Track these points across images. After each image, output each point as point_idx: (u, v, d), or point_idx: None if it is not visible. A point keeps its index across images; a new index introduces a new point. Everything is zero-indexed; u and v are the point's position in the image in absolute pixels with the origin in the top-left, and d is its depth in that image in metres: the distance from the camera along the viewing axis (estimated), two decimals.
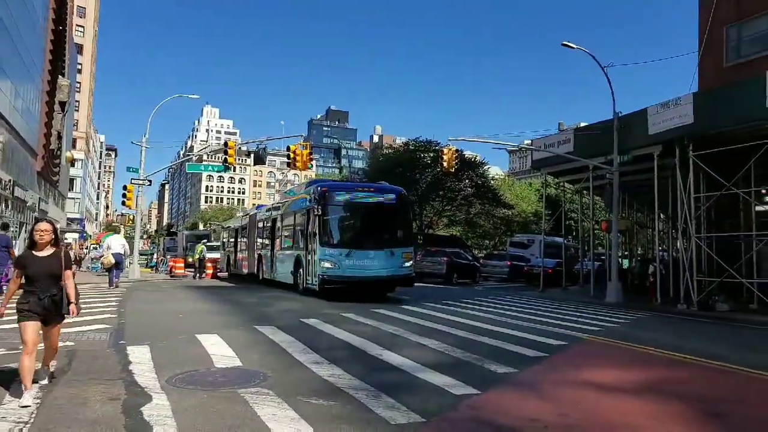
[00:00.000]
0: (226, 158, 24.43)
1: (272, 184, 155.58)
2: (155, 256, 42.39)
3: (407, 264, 16.25)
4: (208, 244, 33.04)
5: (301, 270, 17.26)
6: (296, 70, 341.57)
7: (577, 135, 22.81)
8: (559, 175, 26.64)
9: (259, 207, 28.45)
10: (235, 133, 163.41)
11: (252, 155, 30.98)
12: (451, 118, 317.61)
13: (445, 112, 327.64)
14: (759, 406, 5.90)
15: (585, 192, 26.08)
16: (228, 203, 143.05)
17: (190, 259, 35.39)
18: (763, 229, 16.29)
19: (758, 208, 17.45)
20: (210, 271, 29.28)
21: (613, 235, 20.83)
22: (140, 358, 7.21)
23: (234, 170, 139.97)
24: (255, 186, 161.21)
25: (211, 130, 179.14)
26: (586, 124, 26.40)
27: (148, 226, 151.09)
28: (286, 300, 15.90)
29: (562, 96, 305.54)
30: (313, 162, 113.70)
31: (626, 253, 33.80)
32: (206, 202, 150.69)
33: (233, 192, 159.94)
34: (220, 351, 7.81)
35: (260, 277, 22.76)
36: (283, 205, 20.96)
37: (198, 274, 28.29)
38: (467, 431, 4.75)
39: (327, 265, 15.40)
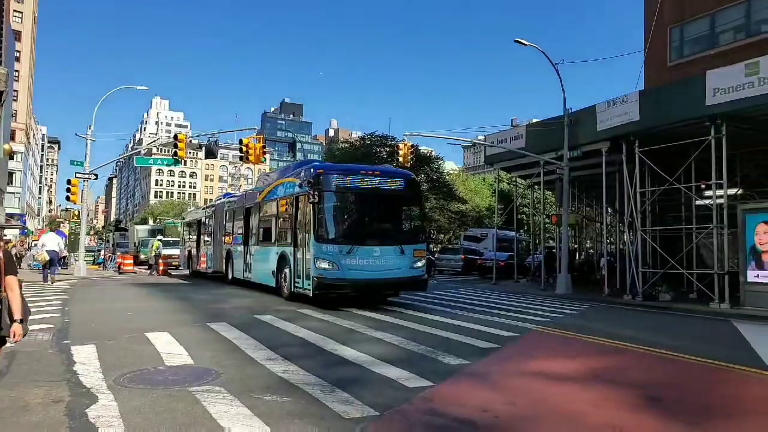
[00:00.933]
0: (176, 151, 23.82)
1: (225, 178, 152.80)
2: (102, 252, 41.07)
3: (419, 264, 13.26)
4: (164, 239, 32.14)
5: (287, 270, 14.34)
6: (250, 61, 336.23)
7: (529, 131, 23.25)
8: (511, 170, 27.13)
9: (226, 195, 25.29)
10: (186, 126, 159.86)
11: (203, 148, 30.13)
12: (407, 113, 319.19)
13: (401, 107, 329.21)
14: (695, 390, 6.18)
15: (536, 187, 26.63)
16: (179, 198, 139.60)
17: (143, 256, 34.46)
18: (702, 223, 17.00)
19: (698, 202, 18.19)
20: (161, 268, 27.98)
21: (563, 228, 21.36)
22: (86, 358, 6.99)
23: (185, 164, 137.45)
24: (207, 180, 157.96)
25: (161, 123, 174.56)
26: (539, 120, 26.93)
27: (95, 221, 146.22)
28: (240, 297, 15.66)
29: (516, 92, 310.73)
30: (267, 156, 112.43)
31: (576, 246, 34.72)
32: (156, 196, 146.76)
33: (184, 186, 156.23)
34: (170, 349, 7.65)
35: (229, 277, 20.09)
36: (261, 191, 17.72)
37: (154, 271, 27.56)
38: (420, 423, 4.81)
39: (323, 265, 12.27)
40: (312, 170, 13.11)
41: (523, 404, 5.42)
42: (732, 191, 17.01)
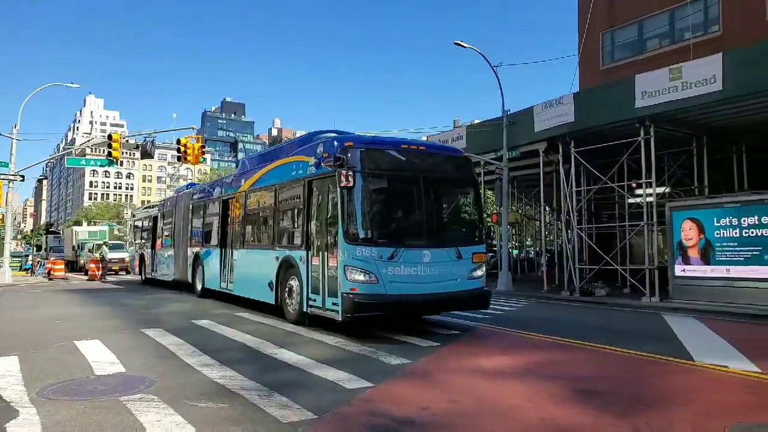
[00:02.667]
0: (110, 152, 22.94)
1: (163, 179, 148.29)
2: (30, 257, 39.06)
3: (479, 273, 9.82)
4: (109, 242, 30.79)
5: (293, 283, 10.47)
6: (189, 59, 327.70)
7: (469, 132, 23.64)
8: None
9: (190, 185, 20.99)
10: (122, 125, 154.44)
11: (140, 148, 28.81)
12: (352, 113, 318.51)
13: (346, 107, 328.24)
14: (628, 382, 6.40)
15: None
16: (115, 199, 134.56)
17: (83, 260, 32.92)
18: (634, 220, 17.70)
19: (630, 200, 18.94)
20: (99, 273, 26.24)
21: (503, 227, 21.82)
22: (6, 370, 6.60)
23: (121, 164, 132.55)
24: (145, 181, 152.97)
25: (95, 122, 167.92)
26: (480, 121, 27.41)
27: (23, 225, 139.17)
28: (177, 301, 15.21)
29: (460, 93, 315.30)
30: (207, 156, 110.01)
31: (517, 244, 35.56)
32: (90, 198, 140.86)
33: (120, 188, 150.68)
34: (101, 357, 7.33)
35: (198, 288, 16.11)
36: (247, 176, 13.72)
37: (102, 276, 26.33)
38: (360, 424, 4.77)
39: (358, 276, 8.60)
40: (336, 144, 9.29)
41: (462, 401, 5.47)
42: (660, 190, 17.79)
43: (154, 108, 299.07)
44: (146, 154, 27.72)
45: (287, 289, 10.71)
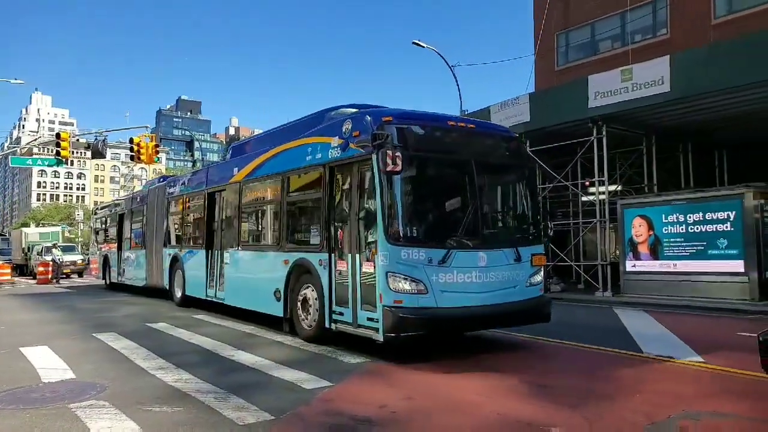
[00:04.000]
0: (59, 151, 22.23)
1: (116, 179, 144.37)
2: None
3: (538, 278, 8.07)
4: (62, 244, 29.72)
5: (309, 292, 8.54)
6: (142, 56, 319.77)
7: None
8: None
9: (164, 178, 18.44)
10: (72, 124, 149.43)
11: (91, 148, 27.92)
12: (310, 110, 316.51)
13: (306, 106, 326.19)
14: (580, 375, 6.57)
15: None
16: (66, 200, 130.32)
17: (33, 262, 31.78)
18: (588, 217, 18.16)
19: (584, 198, 19.42)
20: (43, 276, 25.30)
21: None
22: None
23: (71, 164, 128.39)
24: (97, 181, 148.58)
25: (43, 120, 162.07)
26: None
27: None
28: (132, 304, 14.84)
29: (419, 91, 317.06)
30: (162, 155, 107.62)
31: None
32: (39, 199, 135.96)
33: (71, 188, 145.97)
34: (49, 364, 7.09)
35: (177, 295, 14.05)
36: (240, 164, 11.42)
37: (55, 279, 25.41)
38: (318, 424, 4.77)
39: (403, 285, 6.86)
40: (370, 119, 7.46)
41: (419, 398, 5.52)
42: (612, 188, 18.30)
43: (106, 106, 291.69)
44: (98, 154, 26.35)
45: (300, 299, 8.70)
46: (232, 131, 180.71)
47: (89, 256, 27.44)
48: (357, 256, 7.57)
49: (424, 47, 21.26)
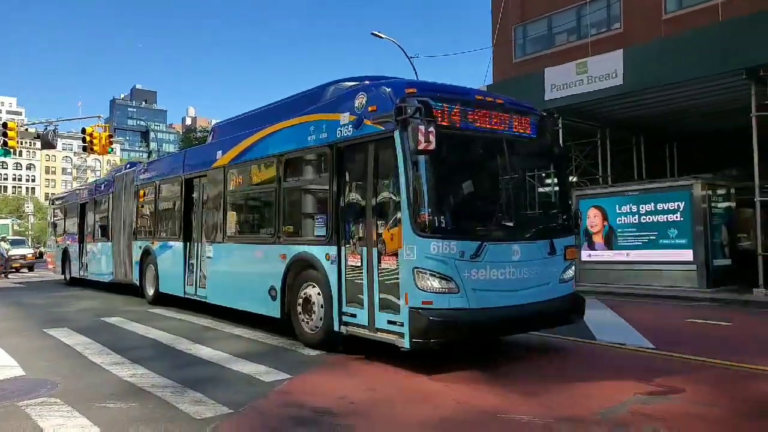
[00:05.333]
0: (5, 141, 21.41)
1: (68, 170, 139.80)
2: None
3: (570, 273, 7.30)
4: (11, 237, 28.60)
5: (312, 291, 7.50)
6: (95, 44, 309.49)
7: None
8: None
9: (133, 164, 16.82)
10: (20, 113, 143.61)
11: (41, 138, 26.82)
12: (269, 101, 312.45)
13: (262, 96, 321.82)
14: (534, 363, 6.71)
15: None
16: (14, 192, 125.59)
17: None
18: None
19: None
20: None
21: None
22: None
23: (19, 155, 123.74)
24: (48, 173, 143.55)
25: None
26: None
27: None
28: (86, 299, 14.44)
29: None
30: (116, 145, 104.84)
31: None
32: None
33: (20, 180, 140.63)
34: None
35: (149, 292, 12.83)
36: (229, 146, 10.04)
37: (4, 273, 24.42)
38: (277, 416, 4.76)
39: (432, 282, 5.99)
40: (390, 90, 6.51)
41: (380, 388, 5.57)
42: (569, 179, 18.70)
43: (56, 95, 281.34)
44: (48, 144, 25.27)
45: (301, 299, 7.64)
46: (188, 121, 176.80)
47: (47, 250, 26.33)
48: (374, 249, 6.51)
49: (383, 38, 21.23)
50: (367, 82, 7.59)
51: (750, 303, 12.01)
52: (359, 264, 6.77)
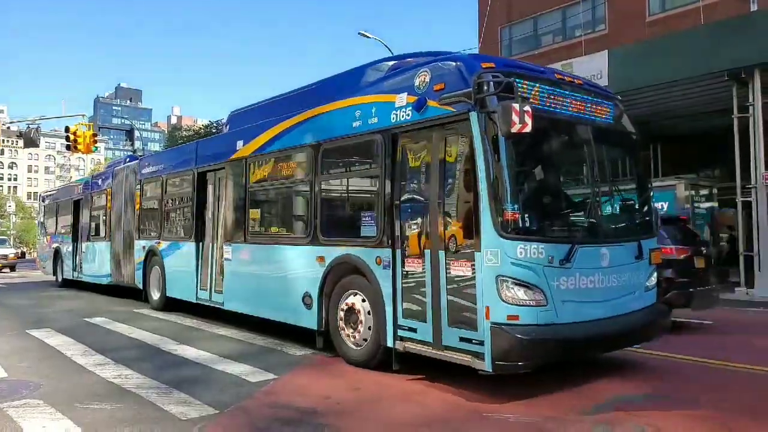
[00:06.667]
0: None
1: (52, 169, 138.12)
2: None
3: (653, 281, 6.45)
4: None
5: (359, 301, 6.53)
6: (79, 41, 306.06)
7: None
8: None
9: (132, 157, 15.44)
10: (2, 111, 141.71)
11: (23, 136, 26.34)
12: (254, 100, 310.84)
13: (249, 95, 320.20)
14: None
15: None
16: None
17: None
18: None
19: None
20: None
21: None
22: None
23: (2, 153, 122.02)
24: (31, 171, 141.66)
25: None
26: None
27: None
28: (69, 299, 14.28)
29: None
30: (100, 144, 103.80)
31: None
32: None
33: (1, 179, 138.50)
34: None
35: (154, 296, 11.78)
36: (252, 135, 8.90)
37: None
38: (262, 417, 4.75)
39: (520, 294, 5.03)
40: (463, 65, 5.60)
41: (366, 388, 5.58)
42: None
43: (39, 93, 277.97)
44: (30, 143, 24.92)
45: (342, 309, 6.69)
46: (174, 120, 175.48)
47: (32, 250, 26.04)
48: (440, 252, 5.55)
49: (369, 38, 21.24)
50: (410, 60, 6.80)
51: (731, 302, 12.19)
52: (421, 270, 5.78)
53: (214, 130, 44.39)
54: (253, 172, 8.84)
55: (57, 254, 18.22)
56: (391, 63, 7.38)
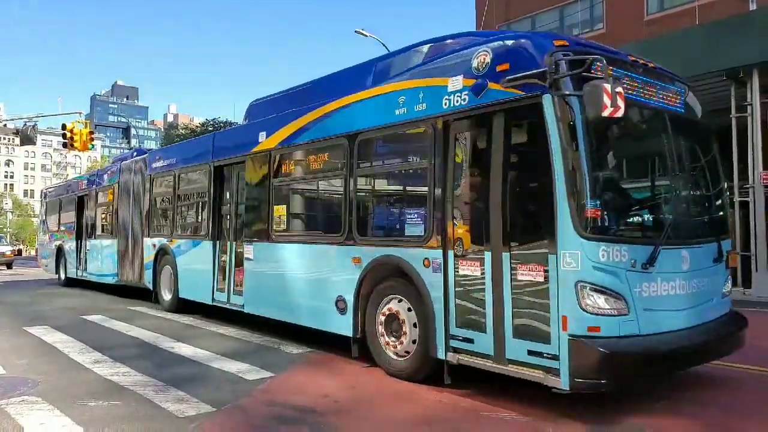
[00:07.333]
0: None
1: (48, 167, 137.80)
2: None
3: (729, 286, 5.88)
4: None
5: (403, 309, 5.94)
6: (76, 38, 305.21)
7: None
8: None
9: (140, 151, 14.59)
10: None
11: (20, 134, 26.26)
12: (251, 99, 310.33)
13: (246, 94, 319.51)
14: None
15: None
16: None
17: None
18: None
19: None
20: None
21: None
22: None
23: None
24: (27, 169, 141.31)
25: None
26: None
27: None
28: (66, 296, 14.26)
29: None
30: (97, 142, 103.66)
31: None
32: None
33: None
34: None
35: (165, 297, 11.23)
36: (278, 125, 8.22)
37: None
38: (260, 415, 4.75)
39: (601, 302, 4.44)
40: (530, 43, 5.00)
41: (363, 386, 5.59)
42: None
43: (36, 91, 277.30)
44: (27, 140, 24.56)
45: (383, 315, 6.12)
46: (170, 118, 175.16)
47: (28, 248, 26.03)
48: (504, 254, 4.93)
49: (366, 36, 21.23)
50: (449, 41, 6.28)
51: None
52: (479, 274, 5.15)
53: (210, 129, 44.31)
54: (279, 166, 8.23)
55: (60, 252, 17.68)
56: (427, 46, 6.62)
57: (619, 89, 4.28)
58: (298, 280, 7.52)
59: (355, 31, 21.21)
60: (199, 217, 10.60)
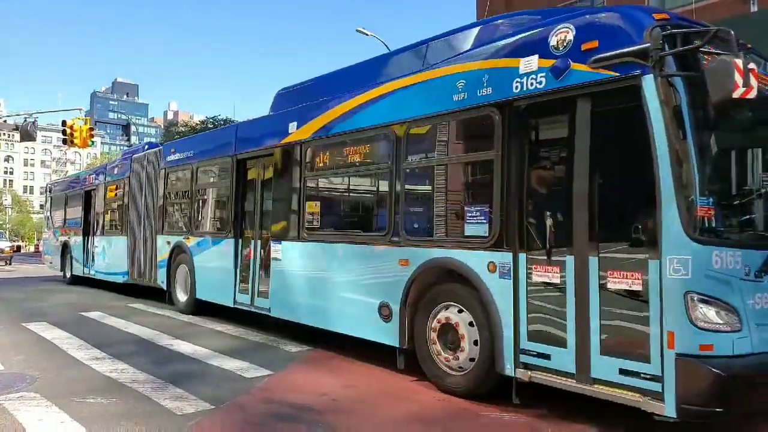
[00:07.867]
0: None
1: (48, 163, 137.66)
2: None
3: None
4: None
5: (462, 320, 5.27)
6: (76, 34, 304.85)
7: None
8: None
9: (152, 144, 13.92)
10: None
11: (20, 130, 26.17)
12: (251, 98, 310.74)
13: (246, 93, 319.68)
14: None
15: None
16: None
17: None
18: None
19: None
20: None
21: None
22: None
23: None
24: (26, 165, 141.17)
25: None
26: None
27: None
28: (65, 292, 14.26)
29: None
30: (97, 139, 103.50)
31: None
32: None
33: None
34: None
35: (180, 297, 10.53)
36: (311, 114, 7.55)
37: None
38: (258, 413, 4.76)
39: (713, 315, 3.86)
40: (624, 17, 4.34)
41: (361, 385, 5.60)
42: None
43: (36, 87, 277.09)
44: (27, 136, 24.43)
45: (436, 325, 5.49)
46: (170, 115, 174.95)
47: (28, 244, 26.02)
48: (591, 259, 4.35)
49: (368, 35, 21.21)
50: (500, 21, 5.75)
51: None
52: (558, 281, 4.56)
53: (210, 126, 44.30)
54: (311, 159, 7.58)
55: (65, 249, 16.93)
56: (477, 29, 6.08)
57: (752, 65, 3.73)
58: (333, 283, 6.86)
59: (357, 30, 21.17)
60: (220, 214, 9.99)
